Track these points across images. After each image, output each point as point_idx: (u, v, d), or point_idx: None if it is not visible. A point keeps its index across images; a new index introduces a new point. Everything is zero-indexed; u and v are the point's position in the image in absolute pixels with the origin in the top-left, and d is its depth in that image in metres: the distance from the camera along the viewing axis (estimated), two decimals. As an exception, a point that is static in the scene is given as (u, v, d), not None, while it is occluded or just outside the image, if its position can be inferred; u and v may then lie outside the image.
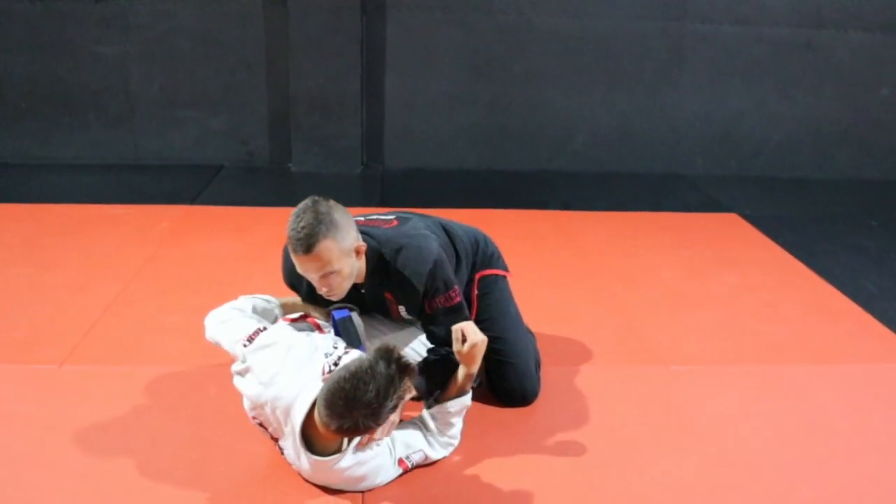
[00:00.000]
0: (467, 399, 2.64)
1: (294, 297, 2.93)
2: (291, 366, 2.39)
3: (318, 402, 2.23)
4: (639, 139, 6.27)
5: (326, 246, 2.44)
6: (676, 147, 6.31)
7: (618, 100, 6.17)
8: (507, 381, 2.96)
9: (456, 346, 2.57)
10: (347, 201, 5.17)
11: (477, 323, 2.83)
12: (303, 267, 2.51)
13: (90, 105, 5.95)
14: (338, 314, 2.71)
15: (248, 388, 2.45)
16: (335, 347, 2.49)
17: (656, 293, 4.08)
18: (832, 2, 6.03)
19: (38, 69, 5.83)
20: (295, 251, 2.47)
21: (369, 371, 2.15)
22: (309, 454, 2.33)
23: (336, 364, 2.40)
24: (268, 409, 2.40)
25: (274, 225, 4.79)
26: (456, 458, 2.66)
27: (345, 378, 2.15)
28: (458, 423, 2.66)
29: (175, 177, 5.81)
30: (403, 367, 2.19)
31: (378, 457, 2.45)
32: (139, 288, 3.91)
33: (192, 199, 5.30)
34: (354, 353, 2.47)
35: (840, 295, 4.13)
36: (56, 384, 3.04)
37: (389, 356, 2.18)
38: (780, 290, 4.18)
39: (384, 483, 2.49)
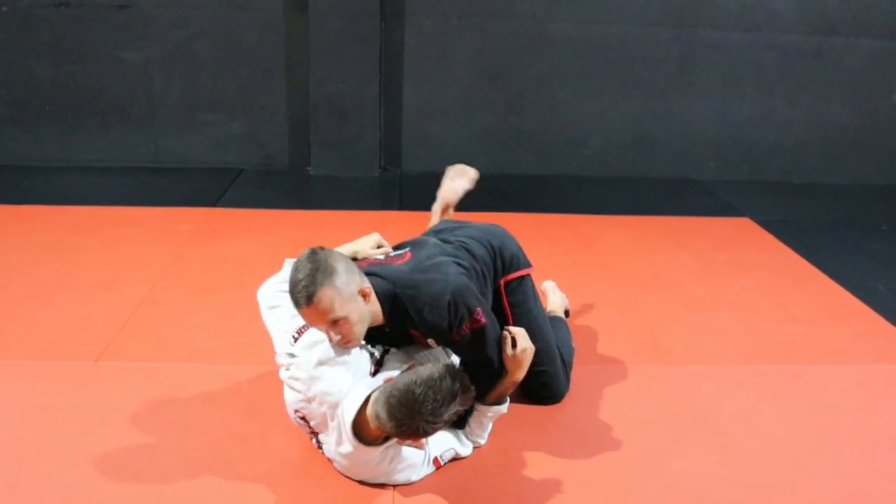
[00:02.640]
0: (504, 408, 2.74)
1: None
2: (340, 364, 2.49)
3: (377, 402, 2.33)
4: (652, 144, 6.37)
5: (326, 293, 2.37)
6: (689, 152, 6.40)
7: (631, 105, 6.27)
8: (537, 386, 3.05)
9: (507, 350, 2.66)
10: (366, 204, 5.39)
11: None
12: (308, 319, 2.45)
13: (112, 109, 6.07)
14: None
15: (296, 381, 2.54)
16: (376, 346, 2.60)
17: (671, 295, 4.17)
18: (842, 10, 6.12)
19: (61, 73, 5.95)
20: (298, 304, 2.41)
21: (438, 382, 2.26)
22: (357, 442, 2.43)
23: (380, 363, 2.50)
24: (314, 404, 2.49)
25: (294, 227, 4.93)
26: (482, 453, 2.76)
27: (415, 383, 2.26)
28: (487, 426, 2.77)
29: (195, 180, 5.92)
30: (465, 387, 2.32)
31: (414, 454, 2.55)
32: (167, 287, 4.01)
33: (214, 202, 5.40)
34: (395, 353, 2.57)
35: (851, 297, 4.22)
36: (92, 380, 3.14)
37: (455, 374, 2.30)
38: (792, 292, 4.27)
39: (418, 480, 2.60)
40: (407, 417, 2.25)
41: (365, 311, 2.50)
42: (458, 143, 6.26)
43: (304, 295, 2.37)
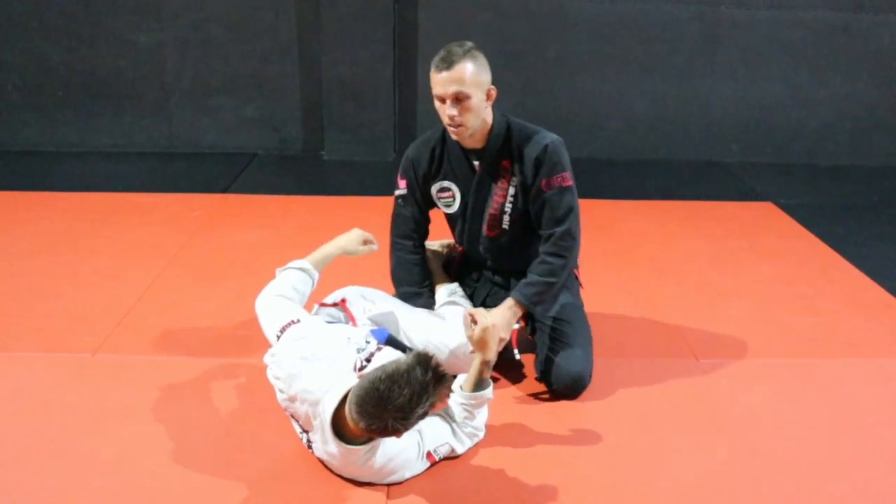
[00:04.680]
0: (488, 392, 2.61)
1: (320, 250, 2.95)
2: (322, 359, 2.40)
3: (349, 399, 2.23)
4: (673, 126, 6.21)
5: (465, 66, 2.69)
6: (711, 134, 6.24)
7: (652, 86, 6.11)
8: (565, 363, 2.93)
9: (467, 332, 2.58)
10: (380, 189, 5.30)
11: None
12: (441, 85, 2.72)
13: (125, 93, 6.02)
14: (379, 336, 2.70)
15: (277, 380, 2.47)
16: (367, 342, 2.50)
17: (688, 283, 4.04)
18: (872, -15, 5.92)
19: (74, 58, 5.91)
20: (438, 68, 2.72)
21: (405, 375, 2.13)
22: (339, 441, 2.34)
23: (368, 360, 2.41)
24: (297, 402, 2.42)
25: (305, 213, 4.84)
26: (480, 451, 2.66)
27: (380, 379, 2.14)
28: (480, 414, 2.64)
29: (209, 164, 5.86)
30: (439, 377, 2.17)
31: (407, 450, 2.45)
32: (172, 276, 3.95)
33: (225, 188, 5.34)
34: (387, 351, 2.48)
35: (876, 286, 4.06)
36: (89, 372, 3.09)
37: (427, 363, 2.16)
38: (815, 281, 4.12)
39: (412, 476, 2.50)
40: (374, 415, 2.14)
41: (483, 107, 2.79)
42: (474, 126, 6.14)
43: (448, 60, 2.70)
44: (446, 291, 3.19)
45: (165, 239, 4.40)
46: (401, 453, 2.43)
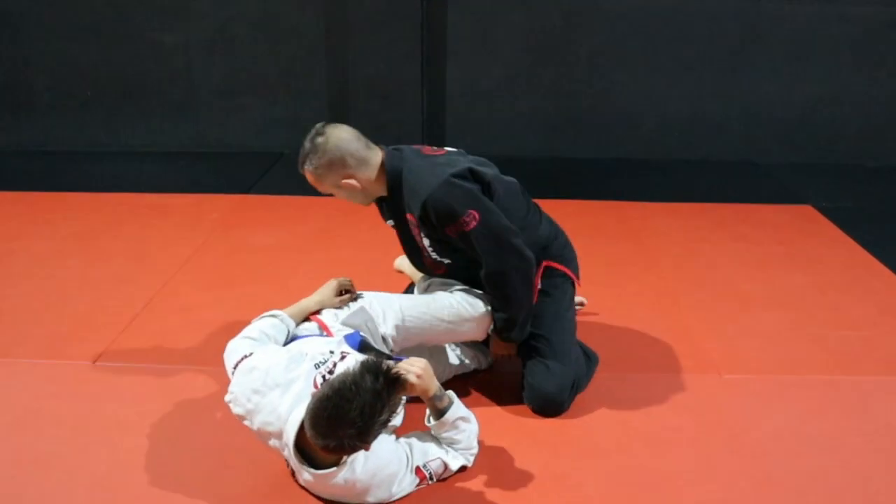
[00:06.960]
0: (453, 412, 2.39)
1: (298, 304, 2.80)
2: (273, 388, 2.28)
3: (304, 419, 2.12)
4: (710, 125, 6.00)
5: (309, 175, 2.70)
6: (750, 133, 6.01)
7: (688, 83, 5.91)
8: (535, 381, 2.79)
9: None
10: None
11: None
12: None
13: (153, 93, 6.01)
14: (351, 341, 2.56)
15: (242, 420, 2.37)
16: (331, 352, 2.37)
17: (716, 292, 3.85)
18: (923, -24, 5.63)
19: (102, 58, 5.91)
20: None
21: (353, 387, 2.01)
22: (309, 468, 2.22)
23: (331, 372, 2.28)
24: (265, 438, 2.32)
25: (326, 216, 4.75)
26: (480, 472, 2.51)
27: (327, 396, 2.03)
28: (460, 434, 2.45)
29: (236, 164, 5.81)
30: (392, 380, 2.06)
31: (392, 464, 2.31)
32: (183, 281, 3.88)
33: (248, 188, 5.26)
34: (350, 359, 2.33)
35: (919, 297, 3.84)
36: (86, 381, 3.02)
37: (377, 369, 2.04)
38: (852, 290, 3.89)
39: (401, 495, 2.36)
40: (328, 434, 2.03)
41: (355, 194, 2.74)
42: (504, 126, 6.00)
43: (299, 164, 2.71)
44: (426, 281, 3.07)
45: (181, 241, 4.34)
46: (385, 467, 2.29)
